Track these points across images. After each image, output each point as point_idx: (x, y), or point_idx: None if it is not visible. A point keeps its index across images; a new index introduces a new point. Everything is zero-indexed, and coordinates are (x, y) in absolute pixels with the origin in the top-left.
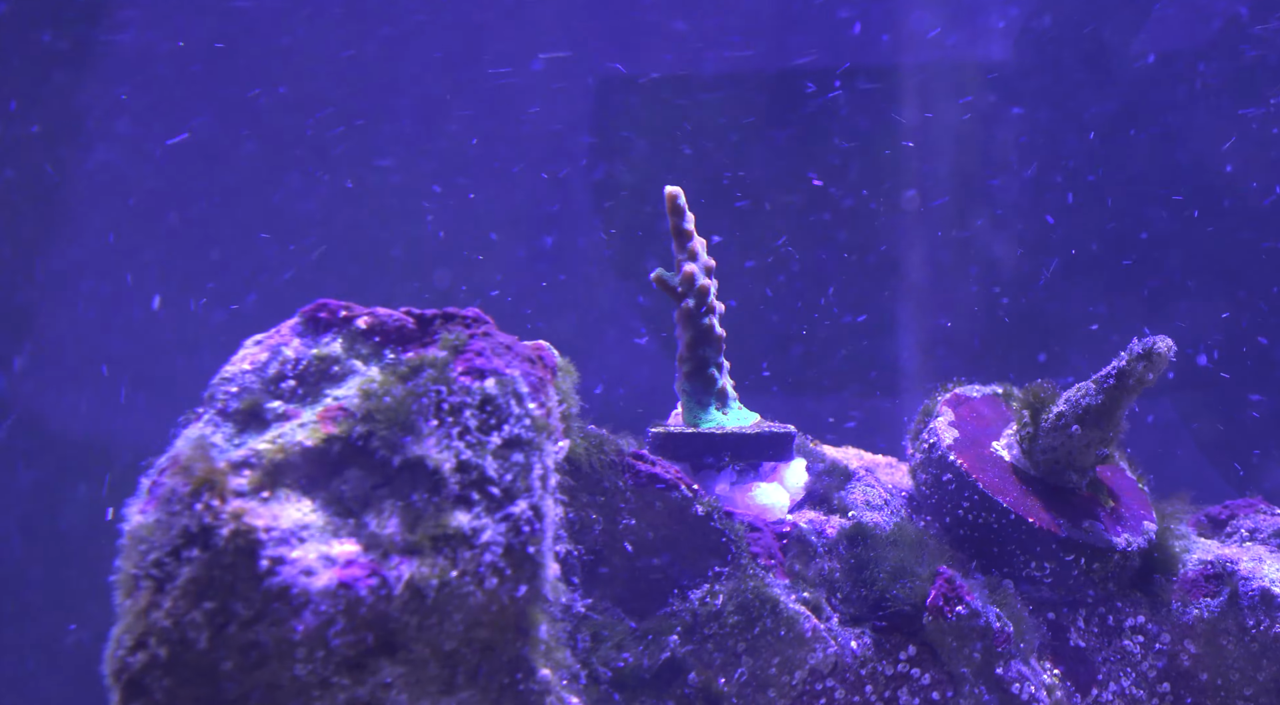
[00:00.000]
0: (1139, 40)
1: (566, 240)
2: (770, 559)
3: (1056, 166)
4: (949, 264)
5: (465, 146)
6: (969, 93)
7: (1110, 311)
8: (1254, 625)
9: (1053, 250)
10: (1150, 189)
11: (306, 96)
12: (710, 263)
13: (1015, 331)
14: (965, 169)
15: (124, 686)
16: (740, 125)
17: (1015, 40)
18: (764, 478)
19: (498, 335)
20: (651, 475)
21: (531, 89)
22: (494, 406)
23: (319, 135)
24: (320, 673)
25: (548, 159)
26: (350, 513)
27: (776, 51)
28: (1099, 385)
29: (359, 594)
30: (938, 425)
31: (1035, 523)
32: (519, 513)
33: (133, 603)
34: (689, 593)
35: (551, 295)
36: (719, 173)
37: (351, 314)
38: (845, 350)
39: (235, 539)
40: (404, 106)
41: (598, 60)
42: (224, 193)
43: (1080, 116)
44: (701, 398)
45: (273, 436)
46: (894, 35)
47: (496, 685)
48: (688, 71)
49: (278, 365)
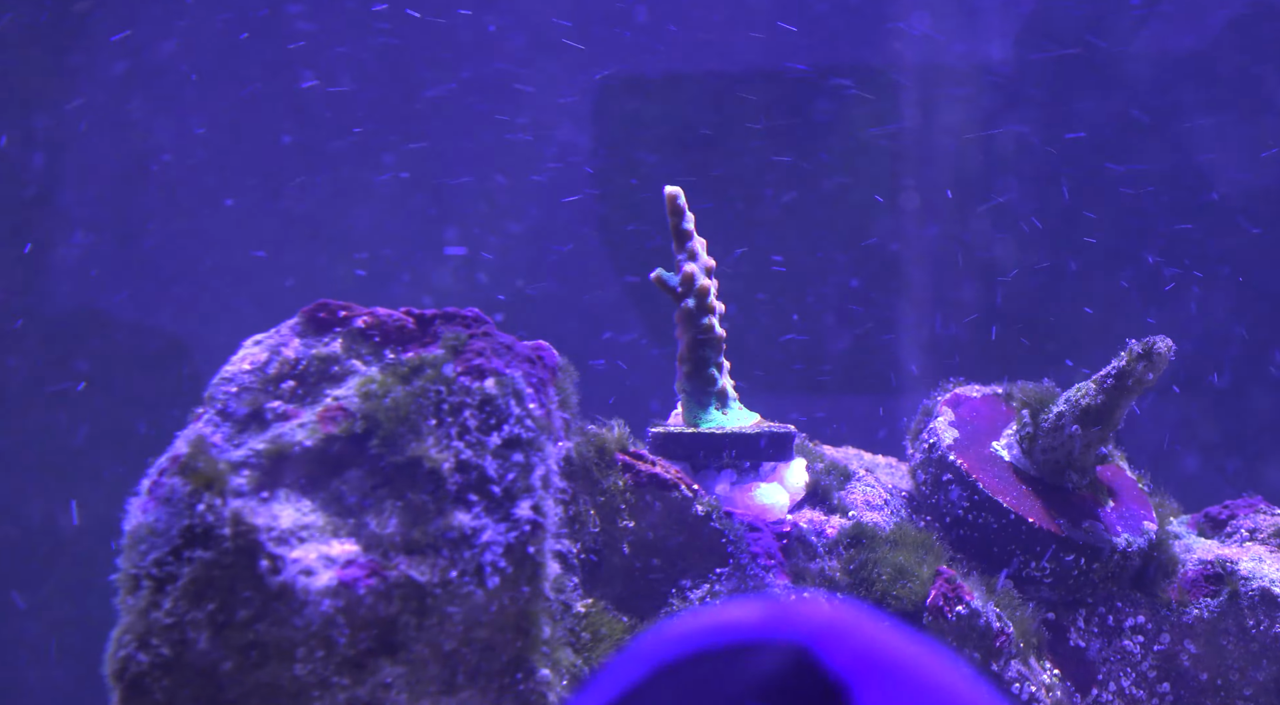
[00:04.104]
0: (1139, 40)
1: (566, 240)
2: (770, 559)
3: (1056, 166)
4: (949, 263)
5: (465, 146)
6: (969, 92)
7: (1111, 311)
8: (1254, 625)
9: (1053, 250)
10: (1151, 188)
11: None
12: (710, 263)
13: (1015, 331)
14: (965, 168)
15: (124, 686)
16: (740, 125)
17: (1015, 38)
18: (764, 478)
19: (498, 335)
20: (651, 475)
21: (532, 89)
22: (494, 406)
23: (323, 135)
24: (320, 672)
25: (547, 159)
26: (350, 513)
27: (775, 52)
28: (1099, 385)
29: (359, 594)
30: (938, 425)
31: (1035, 523)
32: (519, 513)
33: (134, 602)
34: (689, 593)
35: (551, 295)
36: (717, 172)
37: (351, 314)
38: (845, 350)
39: (236, 539)
40: (404, 107)
41: (598, 60)
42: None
43: (1080, 116)
44: (701, 398)
45: (273, 436)
46: (893, 34)
47: (496, 685)
48: (686, 71)
49: (278, 365)
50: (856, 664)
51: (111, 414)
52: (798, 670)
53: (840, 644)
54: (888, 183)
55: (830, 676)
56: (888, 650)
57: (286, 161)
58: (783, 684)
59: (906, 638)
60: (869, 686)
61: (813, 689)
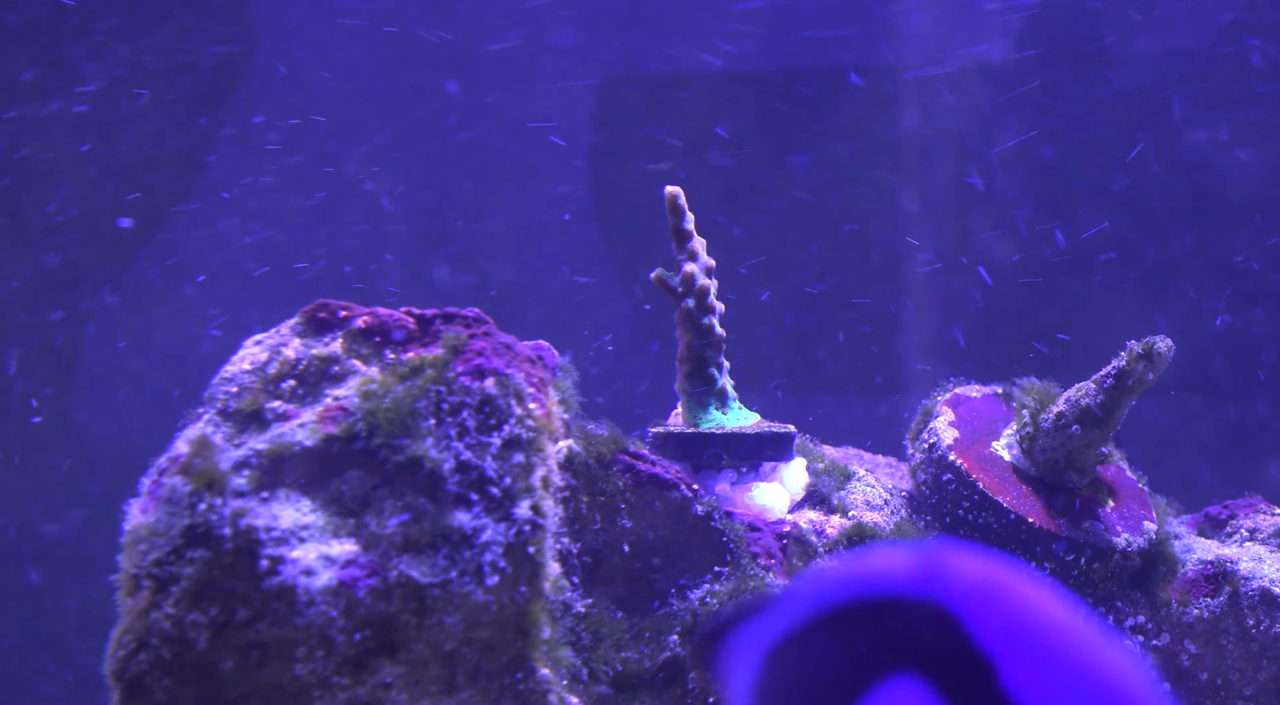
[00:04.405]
0: (1140, 37)
1: (566, 240)
2: (770, 559)
3: (1057, 166)
4: (949, 263)
5: (463, 145)
6: (970, 92)
7: (1111, 311)
8: (1254, 625)
9: (1053, 250)
10: (1151, 188)
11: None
12: (710, 263)
13: (1015, 331)
14: (965, 168)
15: (124, 687)
16: (739, 126)
17: (1015, 37)
18: (764, 478)
19: (498, 335)
20: (651, 475)
21: (533, 89)
22: (494, 407)
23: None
24: (320, 673)
25: (547, 158)
26: (350, 513)
27: (775, 51)
28: (1099, 385)
29: (359, 594)
30: (938, 425)
31: (1035, 522)
32: (519, 513)
33: (134, 603)
34: (689, 592)
35: (551, 295)
36: (717, 172)
37: (351, 314)
38: (845, 350)
39: (236, 539)
40: (404, 108)
41: (598, 59)
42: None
43: (1082, 114)
44: (701, 398)
45: (273, 436)
46: (893, 34)
47: (496, 685)
48: (685, 70)
49: (278, 365)
50: (1006, 637)
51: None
52: (946, 636)
53: (990, 611)
54: (888, 182)
55: (977, 648)
56: (1040, 622)
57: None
58: (931, 650)
59: (1062, 605)
60: (1018, 664)
61: (960, 658)
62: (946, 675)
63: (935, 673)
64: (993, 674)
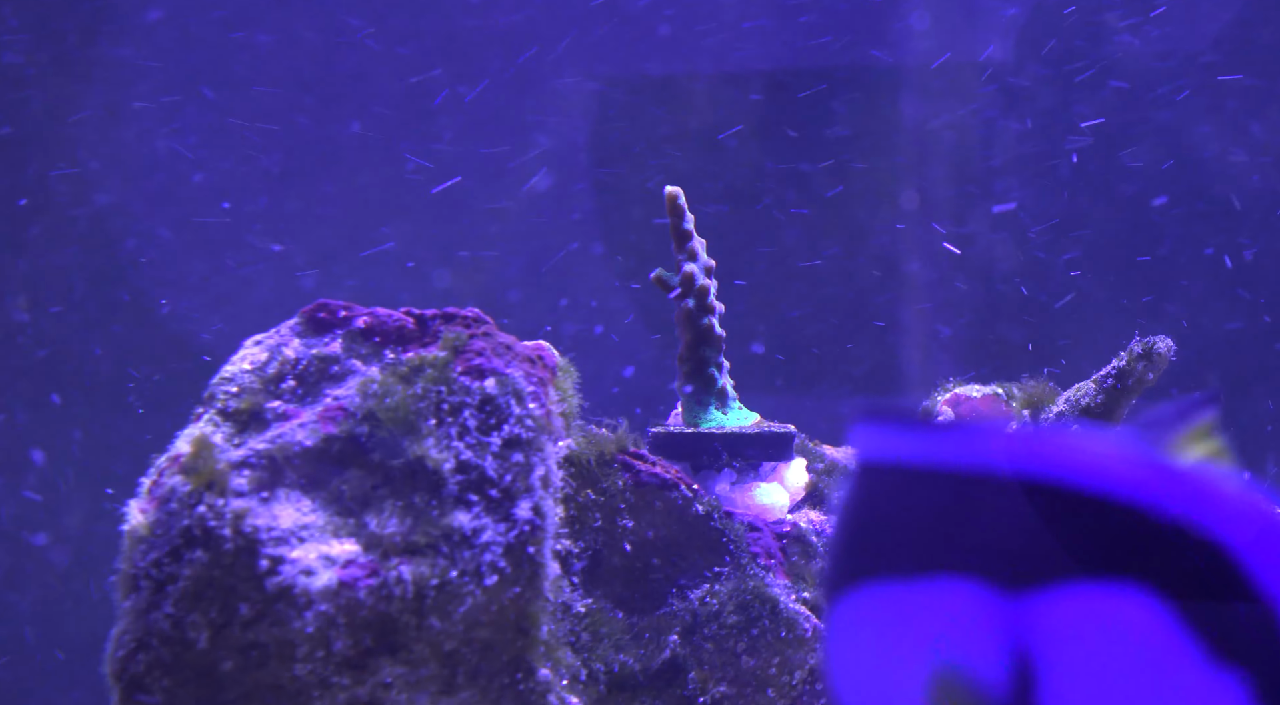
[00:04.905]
0: (1139, 37)
1: (566, 241)
2: (770, 559)
3: (1056, 165)
4: (949, 263)
5: (463, 146)
6: (968, 90)
7: (1111, 311)
8: None
9: (1053, 250)
10: (1152, 188)
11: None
12: (710, 263)
13: (1015, 332)
14: (965, 168)
15: (124, 687)
16: (739, 126)
17: (1015, 37)
18: (764, 478)
19: (498, 335)
20: (651, 475)
21: (535, 89)
22: (494, 407)
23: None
24: (320, 673)
25: (546, 159)
26: (350, 513)
27: (773, 51)
28: (1098, 385)
29: (359, 594)
30: None
31: None
32: (519, 513)
33: (133, 603)
34: (689, 592)
35: (550, 296)
36: (717, 172)
37: (351, 314)
38: (846, 350)
39: (236, 539)
40: (404, 107)
41: (596, 61)
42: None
43: (1081, 114)
44: (701, 398)
45: (273, 436)
46: (892, 34)
47: (496, 685)
48: (685, 72)
49: (277, 365)
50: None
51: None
52: (1217, 571)
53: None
54: (888, 182)
55: (1262, 595)
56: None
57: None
58: (1190, 579)
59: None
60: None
61: (1233, 599)
62: (1209, 612)
63: (1184, 598)
64: (1275, 627)
